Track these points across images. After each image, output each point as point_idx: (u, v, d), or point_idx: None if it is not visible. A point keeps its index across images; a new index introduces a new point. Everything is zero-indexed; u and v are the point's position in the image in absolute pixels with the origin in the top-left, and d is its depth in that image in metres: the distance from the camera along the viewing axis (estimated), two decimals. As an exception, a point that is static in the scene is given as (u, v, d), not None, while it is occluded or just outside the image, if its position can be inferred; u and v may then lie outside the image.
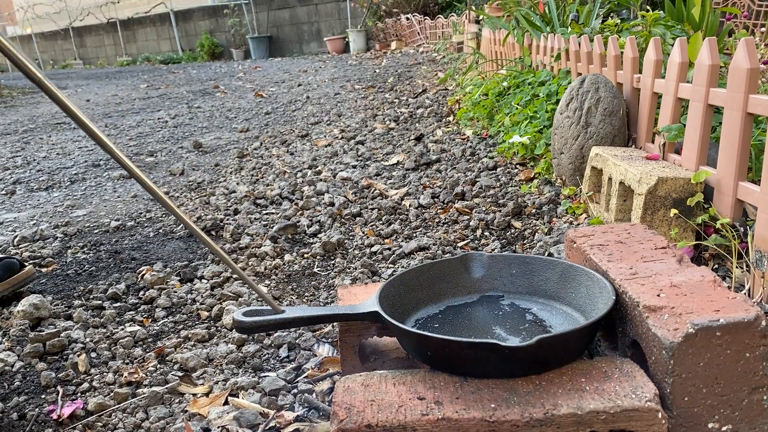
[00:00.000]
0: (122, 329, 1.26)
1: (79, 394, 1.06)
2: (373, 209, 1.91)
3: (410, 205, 1.92)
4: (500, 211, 1.78)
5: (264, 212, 1.98)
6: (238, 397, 1.01)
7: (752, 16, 3.96)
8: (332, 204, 1.98)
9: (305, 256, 1.60)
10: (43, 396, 1.06)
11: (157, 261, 1.65)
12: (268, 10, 11.17)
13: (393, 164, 2.46)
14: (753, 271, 1.13)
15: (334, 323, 1.15)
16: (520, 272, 0.95)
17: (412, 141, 2.82)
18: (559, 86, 2.34)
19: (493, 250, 1.55)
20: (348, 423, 0.65)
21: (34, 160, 3.29)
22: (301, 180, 2.34)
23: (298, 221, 1.84)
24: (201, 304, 1.36)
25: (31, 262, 1.67)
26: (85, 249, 1.76)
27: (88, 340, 1.22)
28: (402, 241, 1.67)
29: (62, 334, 1.23)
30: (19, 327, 1.25)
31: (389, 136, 3.00)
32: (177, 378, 1.08)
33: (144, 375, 1.10)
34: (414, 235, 1.70)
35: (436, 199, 1.95)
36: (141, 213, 2.12)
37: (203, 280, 1.47)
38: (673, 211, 1.31)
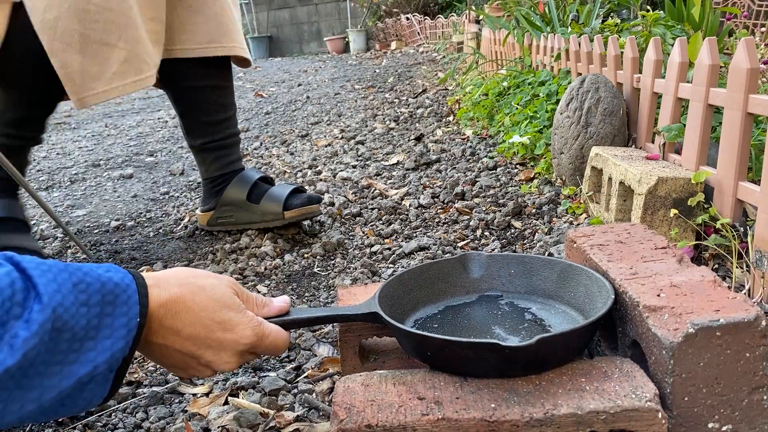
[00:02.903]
0: (122, 329, 1.26)
1: (79, 394, 1.06)
2: (373, 209, 1.91)
3: (410, 205, 1.92)
4: (500, 211, 1.78)
5: (264, 212, 1.98)
6: (238, 397, 1.01)
7: (752, 16, 3.96)
8: (332, 204, 1.98)
9: (305, 256, 1.60)
10: (43, 396, 1.06)
11: (157, 261, 1.65)
12: (268, 10, 11.17)
13: (393, 164, 2.46)
14: (753, 271, 1.13)
15: (334, 323, 1.15)
16: (518, 272, 0.95)
17: (412, 141, 2.82)
18: (559, 86, 2.34)
19: (493, 250, 1.55)
20: (348, 423, 0.65)
21: (34, 160, 3.29)
22: (301, 180, 2.34)
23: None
24: (201, 304, 1.36)
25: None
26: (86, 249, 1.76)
27: (88, 340, 1.22)
28: (402, 241, 1.67)
29: (62, 334, 1.23)
30: (19, 327, 1.25)
31: (389, 136, 3.00)
32: (177, 378, 1.08)
33: (144, 375, 1.10)
34: (414, 235, 1.70)
35: (436, 199, 1.96)
36: (141, 213, 2.12)
37: (203, 280, 1.47)
38: (673, 211, 1.31)
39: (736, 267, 1.19)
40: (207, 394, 1.03)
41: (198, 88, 1.69)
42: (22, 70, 1.43)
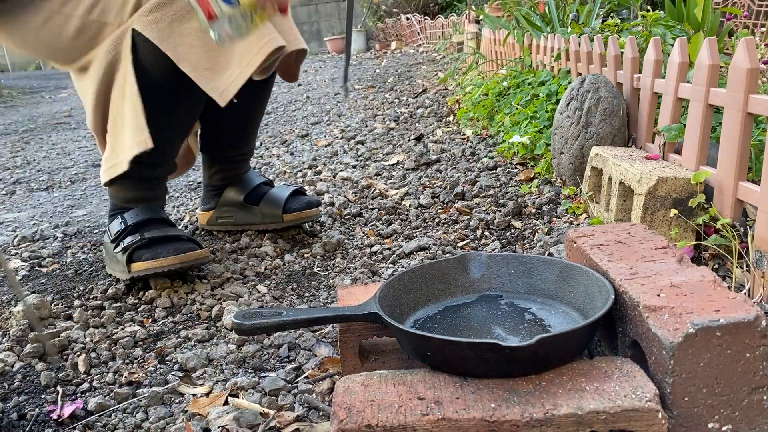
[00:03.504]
0: (122, 329, 1.26)
1: (79, 394, 1.06)
2: (373, 209, 1.91)
3: (410, 205, 1.92)
4: (500, 211, 1.78)
5: (264, 212, 1.98)
6: (238, 397, 1.01)
7: (752, 16, 3.96)
8: (332, 204, 1.98)
9: (305, 256, 1.60)
10: (43, 396, 1.06)
11: (157, 261, 1.65)
12: (268, 10, 11.15)
13: (393, 164, 2.46)
14: (753, 271, 1.13)
15: (334, 323, 1.15)
16: (518, 272, 0.95)
17: (412, 141, 2.82)
18: (559, 86, 2.34)
19: (493, 250, 1.55)
20: (348, 423, 0.65)
21: (34, 160, 3.29)
22: (302, 180, 2.34)
23: (298, 221, 1.84)
24: (201, 304, 1.36)
25: (31, 262, 1.67)
26: (85, 249, 1.76)
27: (88, 340, 1.22)
28: (402, 241, 1.67)
29: (62, 334, 1.23)
30: (19, 327, 1.25)
31: (389, 136, 3.00)
32: (177, 378, 1.08)
33: (144, 375, 1.10)
34: (414, 235, 1.70)
35: (436, 199, 1.96)
36: (141, 213, 2.12)
37: (203, 281, 1.47)
38: (673, 211, 1.31)
39: (736, 267, 1.19)
40: (207, 394, 1.03)
41: (234, 106, 1.58)
42: (156, 88, 1.39)
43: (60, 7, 1.35)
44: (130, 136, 1.38)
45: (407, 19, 9.01)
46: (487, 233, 1.67)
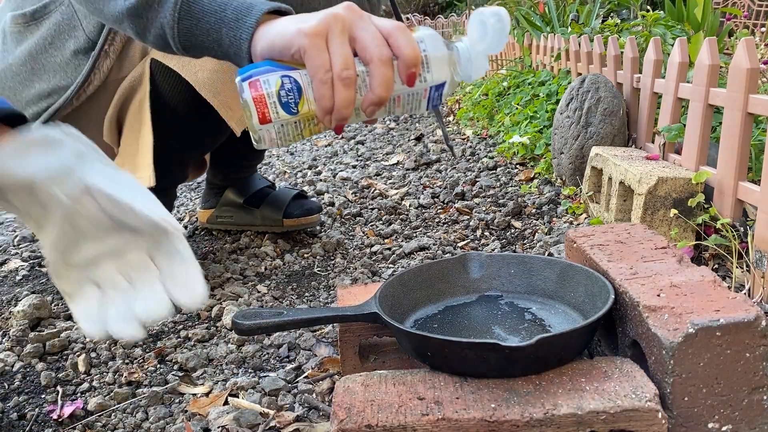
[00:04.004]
0: (122, 329, 1.26)
1: (79, 394, 1.06)
2: (373, 209, 1.91)
3: (410, 205, 1.92)
4: (500, 211, 1.78)
5: (264, 212, 1.98)
6: (238, 397, 1.01)
7: (752, 16, 3.96)
8: (332, 204, 1.98)
9: (305, 256, 1.60)
10: (43, 396, 1.06)
11: (157, 261, 1.65)
12: (268, 10, 11.16)
13: (393, 164, 2.46)
14: (753, 271, 1.13)
15: (334, 323, 1.15)
16: (518, 272, 0.95)
17: (412, 141, 2.82)
18: (559, 86, 2.34)
19: (493, 250, 1.55)
20: (348, 423, 0.65)
21: (34, 160, 3.29)
22: (302, 180, 2.34)
23: (298, 221, 1.83)
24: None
25: (31, 262, 1.67)
26: (85, 249, 1.76)
27: (88, 340, 1.22)
28: (402, 241, 1.67)
29: (62, 334, 1.23)
30: (19, 327, 1.25)
31: (389, 136, 3.00)
32: (177, 378, 1.08)
33: (144, 375, 1.10)
34: (414, 235, 1.70)
35: (436, 199, 1.96)
36: (141, 213, 2.11)
37: (203, 280, 1.47)
38: (673, 211, 1.31)
39: (736, 267, 1.19)
40: (207, 394, 1.03)
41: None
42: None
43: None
44: (140, 165, 1.38)
45: (407, 19, 9.01)
46: (487, 233, 1.67)
